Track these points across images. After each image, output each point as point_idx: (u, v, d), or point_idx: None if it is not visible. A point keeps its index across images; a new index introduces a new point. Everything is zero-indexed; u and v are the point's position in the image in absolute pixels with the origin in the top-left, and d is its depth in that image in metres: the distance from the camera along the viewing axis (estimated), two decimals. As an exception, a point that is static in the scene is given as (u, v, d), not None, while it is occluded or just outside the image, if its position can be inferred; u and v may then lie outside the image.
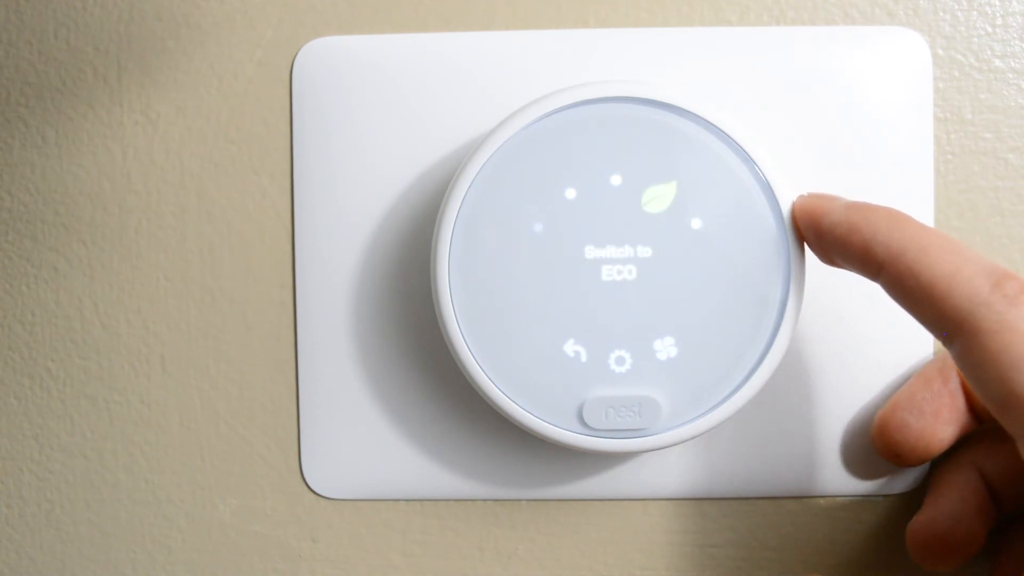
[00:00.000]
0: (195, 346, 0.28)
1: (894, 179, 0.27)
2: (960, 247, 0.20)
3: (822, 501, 0.28)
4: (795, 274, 0.24)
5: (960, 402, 0.25)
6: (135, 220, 0.28)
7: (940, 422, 0.24)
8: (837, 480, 0.27)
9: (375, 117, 0.27)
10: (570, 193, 0.24)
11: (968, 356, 0.20)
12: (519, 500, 0.28)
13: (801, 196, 0.23)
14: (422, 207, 0.27)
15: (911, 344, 0.27)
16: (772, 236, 0.24)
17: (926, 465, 0.27)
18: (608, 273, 0.24)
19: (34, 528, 0.29)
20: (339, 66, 0.27)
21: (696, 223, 0.24)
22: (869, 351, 0.27)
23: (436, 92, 0.27)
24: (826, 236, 0.22)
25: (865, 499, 0.28)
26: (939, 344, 0.27)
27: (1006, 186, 0.27)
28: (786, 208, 0.24)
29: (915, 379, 0.25)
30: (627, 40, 0.27)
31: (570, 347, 0.24)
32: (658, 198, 0.24)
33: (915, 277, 0.20)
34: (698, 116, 0.24)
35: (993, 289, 0.19)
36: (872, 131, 0.27)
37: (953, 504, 0.24)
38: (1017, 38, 0.27)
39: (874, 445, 0.26)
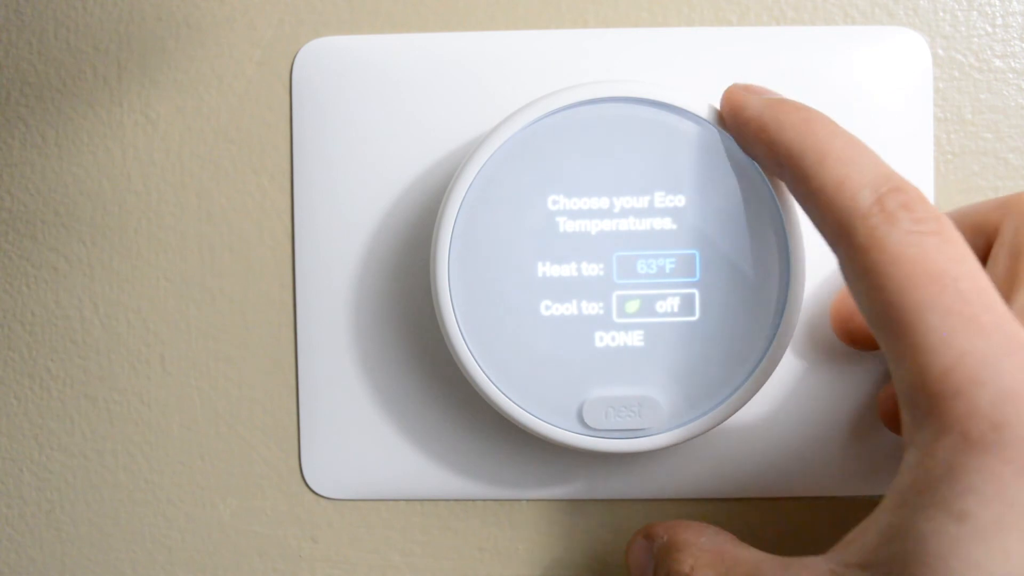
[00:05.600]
0: (195, 346, 0.28)
1: (894, 179, 0.27)
2: (861, 155, 0.19)
3: (822, 501, 0.28)
4: (795, 274, 0.24)
5: None
6: (135, 220, 0.28)
7: None
8: (837, 480, 0.27)
9: (375, 117, 0.27)
10: (570, 193, 0.24)
11: (844, 270, 0.19)
12: (519, 500, 0.28)
13: (731, 86, 0.23)
14: (422, 207, 0.27)
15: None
16: (772, 236, 0.24)
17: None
18: (608, 273, 0.24)
19: (34, 528, 0.29)
20: (339, 66, 0.27)
21: (696, 223, 0.24)
22: (868, 351, 0.27)
23: (436, 92, 0.27)
24: (741, 129, 0.22)
25: (865, 499, 0.28)
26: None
27: (1006, 186, 0.27)
28: (787, 208, 0.24)
29: None
30: (627, 40, 0.27)
31: (570, 347, 0.24)
32: (658, 199, 0.24)
33: (806, 182, 0.20)
34: (698, 116, 0.24)
35: (874, 203, 0.18)
36: (872, 131, 0.26)
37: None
38: (1017, 38, 0.27)
39: (832, 330, 0.27)
